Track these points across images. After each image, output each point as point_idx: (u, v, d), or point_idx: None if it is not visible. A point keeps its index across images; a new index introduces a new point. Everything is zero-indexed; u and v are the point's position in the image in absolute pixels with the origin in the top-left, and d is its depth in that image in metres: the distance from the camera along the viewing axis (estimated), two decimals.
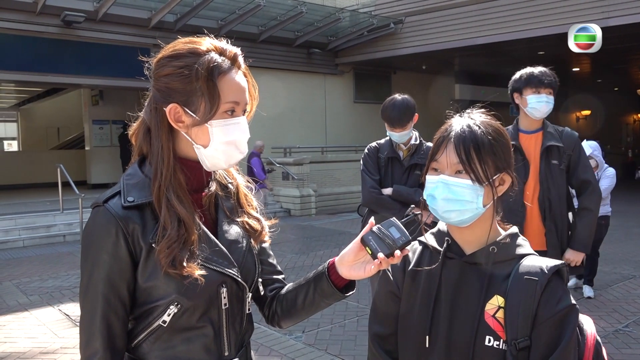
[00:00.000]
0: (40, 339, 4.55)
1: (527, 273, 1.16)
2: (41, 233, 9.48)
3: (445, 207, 1.19)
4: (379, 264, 1.16)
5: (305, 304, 1.31)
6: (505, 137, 1.24)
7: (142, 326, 1.18)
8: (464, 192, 1.17)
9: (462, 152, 1.17)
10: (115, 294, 1.14)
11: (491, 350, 1.14)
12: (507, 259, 1.21)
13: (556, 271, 1.16)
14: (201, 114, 1.15)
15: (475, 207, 1.18)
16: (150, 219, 1.16)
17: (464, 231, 1.24)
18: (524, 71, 2.99)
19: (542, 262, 1.18)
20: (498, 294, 1.17)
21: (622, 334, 4.37)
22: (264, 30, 13.85)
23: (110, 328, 1.14)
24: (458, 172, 1.18)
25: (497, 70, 17.67)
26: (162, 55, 1.20)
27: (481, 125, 1.20)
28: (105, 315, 1.13)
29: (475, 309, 1.18)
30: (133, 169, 1.23)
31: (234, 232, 1.28)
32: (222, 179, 1.33)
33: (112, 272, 1.13)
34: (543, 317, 1.12)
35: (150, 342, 1.18)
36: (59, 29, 11.40)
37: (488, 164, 1.18)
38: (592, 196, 2.98)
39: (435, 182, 1.20)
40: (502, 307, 1.16)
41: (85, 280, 1.15)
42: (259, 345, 4.28)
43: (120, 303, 1.15)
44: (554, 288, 1.15)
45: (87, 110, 16.00)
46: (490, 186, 1.18)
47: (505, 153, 1.22)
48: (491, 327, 1.15)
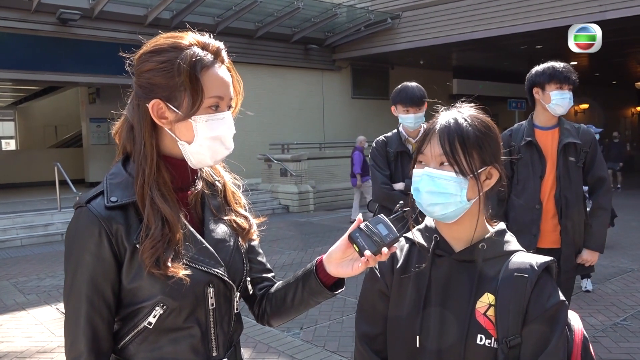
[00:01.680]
0: (38, 338, 4.54)
1: (517, 270, 1.15)
2: (39, 232, 9.46)
3: (429, 200, 1.17)
4: (366, 261, 1.14)
5: (294, 303, 1.30)
6: (494, 131, 1.21)
7: (128, 327, 1.16)
8: (448, 184, 1.15)
9: (445, 144, 1.15)
10: (100, 295, 1.12)
11: (482, 349, 1.13)
12: (497, 256, 1.19)
13: (545, 267, 1.15)
14: (184, 109, 1.13)
15: (459, 200, 1.15)
16: (134, 218, 1.14)
17: (452, 227, 1.22)
18: (547, 66, 2.90)
19: (531, 258, 1.17)
20: (488, 291, 1.16)
21: (620, 328, 4.37)
22: (261, 26, 13.81)
23: (95, 330, 1.12)
24: (442, 164, 1.16)
25: (495, 65, 17.70)
26: (144, 51, 1.17)
27: (468, 118, 1.18)
28: (90, 317, 1.11)
29: (465, 307, 1.16)
30: (117, 168, 1.20)
31: (221, 231, 1.25)
32: (209, 177, 1.31)
33: (95, 274, 1.11)
34: (534, 314, 1.11)
35: (137, 343, 1.16)
36: (54, 27, 11.37)
37: (473, 157, 1.15)
38: (606, 195, 2.94)
39: (420, 175, 1.19)
40: (492, 305, 1.14)
41: (69, 282, 1.13)
42: (257, 342, 4.27)
43: (105, 305, 1.13)
44: (543, 285, 1.14)
45: (84, 109, 15.98)
46: (475, 179, 1.16)
47: (492, 147, 1.19)
48: (482, 326, 1.14)
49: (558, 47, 14.43)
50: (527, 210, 2.89)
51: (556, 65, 2.87)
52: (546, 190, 2.90)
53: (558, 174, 2.87)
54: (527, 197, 2.89)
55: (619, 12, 10.92)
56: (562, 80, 2.83)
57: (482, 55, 16.00)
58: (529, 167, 2.90)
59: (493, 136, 1.20)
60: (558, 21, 11.86)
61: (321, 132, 16.09)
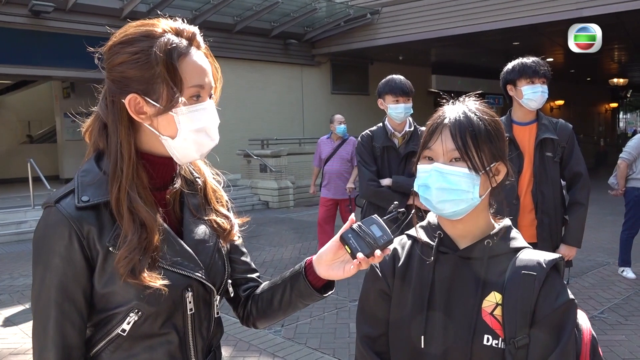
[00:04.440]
0: (11, 340, 4.41)
1: (524, 267, 1.11)
2: (11, 230, 9.22)
3: (440, 197, 1.13)
4: (359, 264, 1.09)
5: (281, 305, 1.25)
6: (501, 126, 1.19)
7: (101, 334, 1.10)
8: (460, 180, 1.11)
9: (458, 139, 1.11)
10: (70, 301, 1.05)
11: (489, 350, 1.10)
12: (503, 253, 1.16)
13: (554, 265, 1.12)
14: (164, 102, 1.05)
15: (471, 197, 1.12)
16: (107, 219, 1.07)
17: (456, 224, 1.18)
18: (516, 62, 2.91)
19: (539, 255, 1.14)
20: (495, 290, 1.12)
21: (597, 321, 4.43)
22: (240, 20, 13.67)
23: (65, 338, 1.05)
24: (453, 159, 1.12)
25: (473, 61, 17.85)
26: (114, 42, 1.09)
27: (477, 112, 1.15)
28: (59, 324, 1.05)
29: (471, 306, 1.13)
30: (89, 165, 1.12)
31: (201, 232, 1.19)
32: (188, 174, 1.24)
33: (65, 278, 1.04)
34: (542, 314, 1.08)
35: (110, 351, 1.10)
36: (27, 19, 11.07)
37: (485, 152, 1.12)
38: (583, 190, 2.96)
39: (428, 170, 1.14)
40: (499, 304, 1.11)
41: (37, 287, 1.06)
42: (238, 340, 4.22)
43: (76, 310, 1.06)
44: (552, 283, 1.10)
45: (58, 103, 15.64)
46: (487, 175, 1.13)
47: (500, 142, 1.17)
48: (489, 326, 1.11)
49: (534, 43, 14.64)
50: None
51: (525, 61, 2.89)
52: (523, 185, 2.91)
53: (535, 170, 2.89)
54: (504, 192, 2.89)
55: (595, 10, 11.07)
56: (532, 74, 2.84)
57: (461, 51, 16.11)
58: None
59: (501, 131, 1.18)
60: (534, 18, 12.01)
61: (301, 128, 16.04)
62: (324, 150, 6.88)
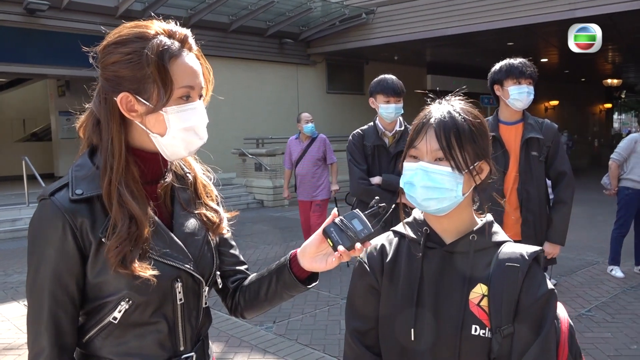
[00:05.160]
0: (4, 335, 4.45)
1: (508, 260, 1.17)
2: (6, 227, 9.23)
3: (425, 195, 1.17)
4: (340, 256, 1.15)
5: (268, 296, 1.30)
6: (485, 126, 1.23)
7: (93, 322, 1.15)
8: (444, 179, 1.15)
9: (442, 139, 1.15)
10: (63, 290, 1.10)
11: (477, 340, 1.14)
12: (486, 247, 1.21)
13: (535, 257, 1.17)
14: (155, 101, 1.10)
15: (455, 195, 1.16)
16: (100, 212, 1.11)
17: (442, 220, 1.22)
18: (504, 63, 2.97)
19: (521, 248, 1.19)
20: (481, 282, 1.17)
21: (584, 318, 4.49)
22: (235, 19, 13.69)
23: (58, 325, 1.10)
24: (438, 159, 1.16)
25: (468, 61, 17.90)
26: (108, 42, 1.13)
27: (461, 112, 1.19)
28: (53, 312, 1.09)
29: (459, 298, 1.17)
30: (83, 159, 1.16)
31: (191, 225, 1.24)
32: (179, 169, 1.29)
33: (59, 268, 1.09)
34: (526, 303, 1.13)
35: (102, 337, 1.15)
36: (22, 17, 11.06)
37: (468, 152, 1.16)
38: (567, 189, 3.01)
39: (414, 169, 1.18)
40: (485, 295, 1.16)
41: (32, 276, 1.11)
42: (229, 336, 4.26)
43: (69, 299, 1.11)
44: (534, 274, 1.16)
45: (53, 101, 15.62)
46: (470, 174, 1.17)
47: (483, 141, 1.21)
48: (476, 316, 1.15)
49: (529, 43, 14.73)
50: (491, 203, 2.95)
51: (512, 62, 2.95)
52: (509, 184, 2.96)
53: (520, 168, 2.94)
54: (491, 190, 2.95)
55: (589, 11, 11.14)
56: (518, 75, 2.90)
57: (456, 51, 16.17)
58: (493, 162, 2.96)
59: (484, 130, 1.22)
60: (529, 18, 12.07)
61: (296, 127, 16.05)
62: (294, 151, 6.65)
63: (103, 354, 1.15)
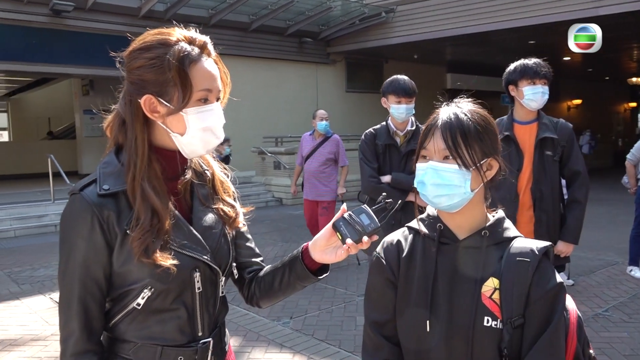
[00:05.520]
0: (32, 327, 4.61)
1: (518, 255, 1.22)
2: (32, 223, 9.48)
3: (435, 192, 1.23)
4: (348, 249, 1.22)
5: (281, 286, 1.37)
6: (492, 125, 1.28)
7: (119, 308, 1.23)
8: (452, 176, 1.21)
9: (448, 139, 1.21)
10: (92, 277, 1.18)
11: (489, 330, 1.20)
12: (498, 242, 1.26)
13: (545, 252, 1.23)
14: (175, 103, 1.18)
15: (464, 191, 1.22)
16: (125, 206, 1.20)
17: (455, 217, 1.27)
18: (518, 63, 3.00)
19: (531, 244, 1.24)
20: (493, 276, 1.22)
21: (601, 318, 4.48)
22: (255, 19, 13.81)
23: (87, 310, 1.19)
24: (446, 157, 1.22)
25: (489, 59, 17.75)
26: (133, 48, 1.22)
27: (468, 113, 1.24)
28: (82, 298, 1.18)
29: (472, 291, 1.22)
30: (109, 158, 1.25)
31: (209, 219, 1.31)
32: (198, 167, 1.36)
33: (87, 257, 1.17)
34: (536, 296, 1.19)
35: (127, 322, 1.23)
36: (48, 18, 11.34)
37: (475, 150, 1.22)
38: (581, 188, 3.03)
39: (424, 168, 1.25)
40: (497, 289, 1.21)
41: (63, 265, 1.20)
42: (247, 331, 4.35)
43: (97, 286, 1.19)
44: (544, 268, 1.21)
45: (77, 100, 15.95)
46: (478, 170, 1.23)
47: (492, 139, 1.26)
48: (488, 308, 1.21)
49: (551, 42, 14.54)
50: (504, 202, 2.97)
51: (527, 62, 2.96)
52: (523, 183, 2.98)
53: (534, 168, 2.95)
54: (504, 190, 2.98)
55: (613, 9, 10.99)
56: (533, 75, 2.92)
57: (476, 49, 16.06)
58: (507, 161, 2.98)
59: (492, 129, 1.27)
60: (551, 17, 11.93)
61: None
62: (305, 147, 6.45)
63: (127, 338, 1.23)
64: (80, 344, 1.18)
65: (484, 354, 1.20)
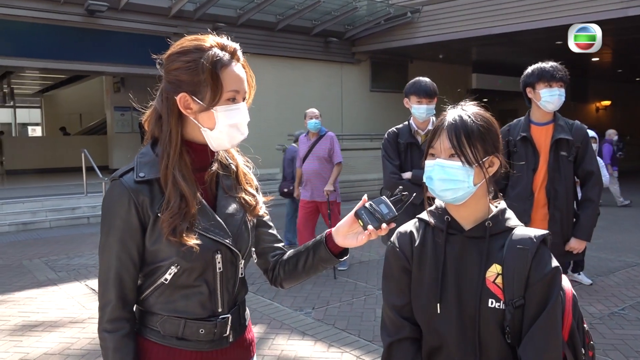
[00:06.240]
0: (70, 310, 4.90)
1: (519, 242, 1.36)
2: (66, 215, 9.88)
3: (441, 186, 1.36)
4: (369, 234, 1.36)
5: (305, 268, 1.51)
6: (494, 126, 1.42)
7: (149, 282, 1.39)
8: (457, 172, 1.35)
9: (453, 138, 1.35)
10: (127, 253, 1.34)
11: (493, 311, 1.33)
12: (500, 231, 1.39)
13: (542, 240, 1.36)
14: (207, 101, 1.33)
15: (467, 185, 1.35)
16: (158, 192, 1.35)
17: (460, 209, 1.41)
18: (536, 66, 3.13)
19: (530, 232, 1.38)
20: (496, 262, 1.36)
21: (617, 316, 4.55)
22: (282, 19, 14.00)
23: (122, 282, 1.34)
24: (451, 155, 1.36)
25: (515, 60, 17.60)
26: (172, 52, 1.37)
27: (471, 115, 1.38)
28: (118, 271, 1.34)
29: (477, 276, 1.36)
30: (146, 149, 1.41)
31: (231, 207, 1.46)
32: (223, 160, 1.51)
33: (124, 236, 1.33)
34: (534, 279, 1.32)
35: (155, 296, 1.38)
36: (82, 17, 11.71)
37: (477, 148, 1.36)
38: (595, 188, 3.14)
39: (432, 165, 1.39)
40: (500, 274, 1.35)
41: (103, 241, 1.36)
42: (271, 319, 4.56)
43: (131, 262, 1.35)
44: (541, 254, 1.35)
45: (109, 97, 16.41)
46: (480, 167, 1.36)
47: (493, 139, 1.39)
48: (492, 291, 1.34)
49: None
50: (520, 200, 3.11)
51: (544, 65, 3.09)
52: (538, 182, 3.11)
53: (549, 167, 3.08)
54: (520, 188, 3.12)
55: None
56: (550, 78, 3.04)
57: (502, 50, 15.98)
58: (523, 160, 3.12)
59: (493, 130, 1.42)
60: (579, 17, 11.80)
61: (339, 124, 16.27)
62: (301, 149, 6.31)
63: (155, 310, 1.39)
64: (116, 311, 1.34)
65: (489, 332, 1.34)
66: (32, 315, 4.80)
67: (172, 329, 1.38)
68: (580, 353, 1.42)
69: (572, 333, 1.41)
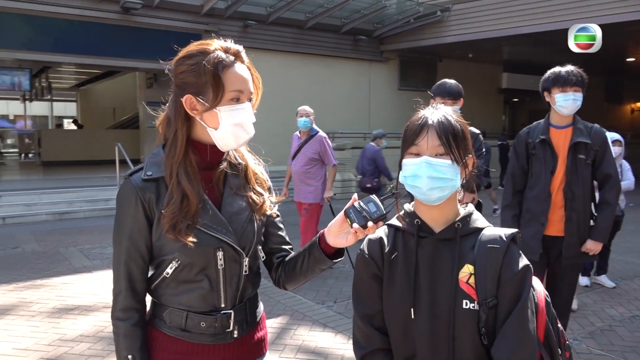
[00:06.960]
0: (103, 296, 5.15)
1: (489, 242, 1.35)
2: (100, 206, 10.25)
3: (430, 184, 1.33)
4: (355, 233, 1.35)
5: (302, 269, 1.52)
6: (467, 129, 1.42)
7: (157, 274, 1.46)
8: (447, 170, 1.33)
9: (443, 137, 1.34)
10: (135, 247, 1.41)
11: (468, 312, 1.32)
12: (470, 232, 1.39)
13: (512, 238, 1.36)
14: (210, 102, 1.37)
15: (454, 184, 1.35)
16: (164, 190, 1.40)
17: (433, 210, 1.39)
18: (551, 71, 3.19)
19: (499, 231, 1.38)
20: (468, 262, 1.35)
21: (637, 319, 4.55)
22: (311, 17, 14.14)
23: (131, 273, 1.42)
24: (439, 154, 1.34)
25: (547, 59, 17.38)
26: (179, 57, 1.43)
27: (451, 116, 1.39)
28: (127, 263, 1.42)
29: (450, 278, 1.34)
30: (157, 150, 1.47)
31: (237, 205, 1.48)
32: (233, 159, 1.53)
33: (133, 231, 1.40)
34: (506, 278, 1.32)
35: (162, 288, 1.45)
36: (118, 15, 12.08)
37: (461, 148, 1.37)
38: (612, 190, 3.18)
39: (417, 162, 1.35)
40: (472, 274, 1.34)
41: (114, 235, 1.45)
42: (294, 311, 4.72)
43: (139, 255, 1.42)
44: (512, 252, 1.35)
45: (142, 93, 16.81)
46: (464, 166, 1.37)
47: (467, 141, 1.40)
48: (466, 292, 1.33)
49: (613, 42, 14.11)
50: (538, 201, 3.18)
51: (559, 70, 3.14)
52: (556, 184, 3.17)
53: (567, 170, 3.13)
54: (538, 189, 3.18)
55: None
56: (563, 83, 3.09)
57: (533, 49, 15.79)
58: (542, 163, 3.18)
59: (467, 133, 1.45)
60: (611, 17, 11.65)
61: (367, 123, 16.34)
62: (292, 147, 6.07)
63: (163, 302, 1.45)
64: (127, 300, 1.42)
65: (464, 334, 1.33)
66: (69, 299, 5.06)
67: (177, 320, 1.44)
68: (557, 353, 1.42)
69: (548, 333, 1.42)
